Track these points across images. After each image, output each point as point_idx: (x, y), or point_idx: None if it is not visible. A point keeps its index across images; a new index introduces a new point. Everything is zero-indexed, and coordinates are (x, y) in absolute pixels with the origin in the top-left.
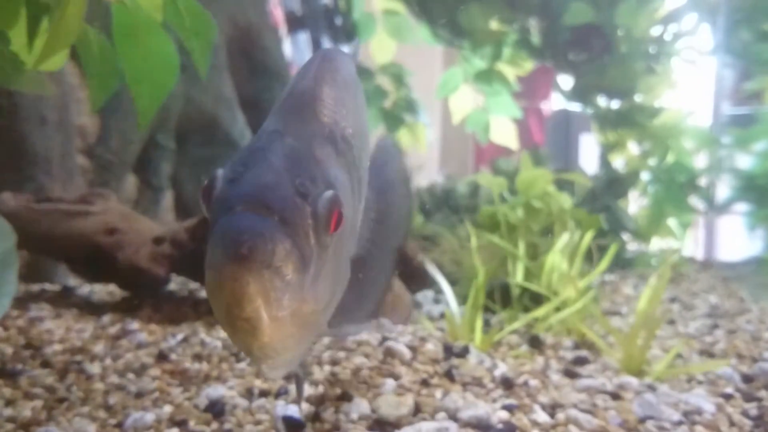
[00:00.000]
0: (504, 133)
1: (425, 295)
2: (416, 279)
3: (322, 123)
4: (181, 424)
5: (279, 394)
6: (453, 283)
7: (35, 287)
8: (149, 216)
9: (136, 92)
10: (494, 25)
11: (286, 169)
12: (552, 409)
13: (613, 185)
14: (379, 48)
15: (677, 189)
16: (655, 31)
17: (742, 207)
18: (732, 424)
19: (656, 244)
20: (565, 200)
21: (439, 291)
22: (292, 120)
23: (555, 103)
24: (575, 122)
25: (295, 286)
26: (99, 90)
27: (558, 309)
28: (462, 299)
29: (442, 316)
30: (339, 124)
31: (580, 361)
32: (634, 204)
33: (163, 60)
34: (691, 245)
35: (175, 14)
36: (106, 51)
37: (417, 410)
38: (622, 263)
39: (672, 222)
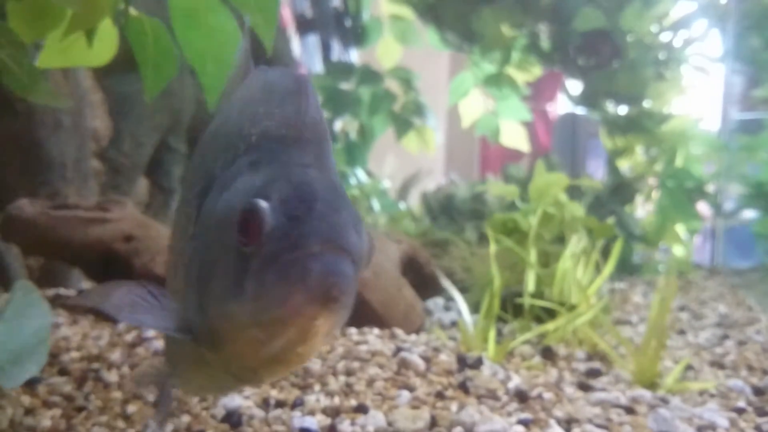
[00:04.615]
0: (514, 137)
1: (435, 303)
2: (428, 287)
3: (332, 158)
4: None
5: (295, 405)
6: (463, 290)
7: (50, 292)
8: (160, 218)
9: (201, 71)
10: (506, 29)
11: (344, 209)
12: (567, 423)
13: (619, 190)
14: (386, 52)
15: (685, 195)
16: (665, 37)
17: (750, 213)
18: None
19: (663, 249)
20: (578, 209)
21: (449, 298)
22: (318, 154)
23: (562, 106)
24: (582, 126)
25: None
26: (155, 77)
27: (570, 319)
28: (473, 307)
29: (453, 324)
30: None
31: (593, 373)
32: (642, 210)
33: (226, 36)
34: (698, 251)
35: None
36: (161, 36)
37: (433, 424)
38: (630, 269)
39: (679, 228)
